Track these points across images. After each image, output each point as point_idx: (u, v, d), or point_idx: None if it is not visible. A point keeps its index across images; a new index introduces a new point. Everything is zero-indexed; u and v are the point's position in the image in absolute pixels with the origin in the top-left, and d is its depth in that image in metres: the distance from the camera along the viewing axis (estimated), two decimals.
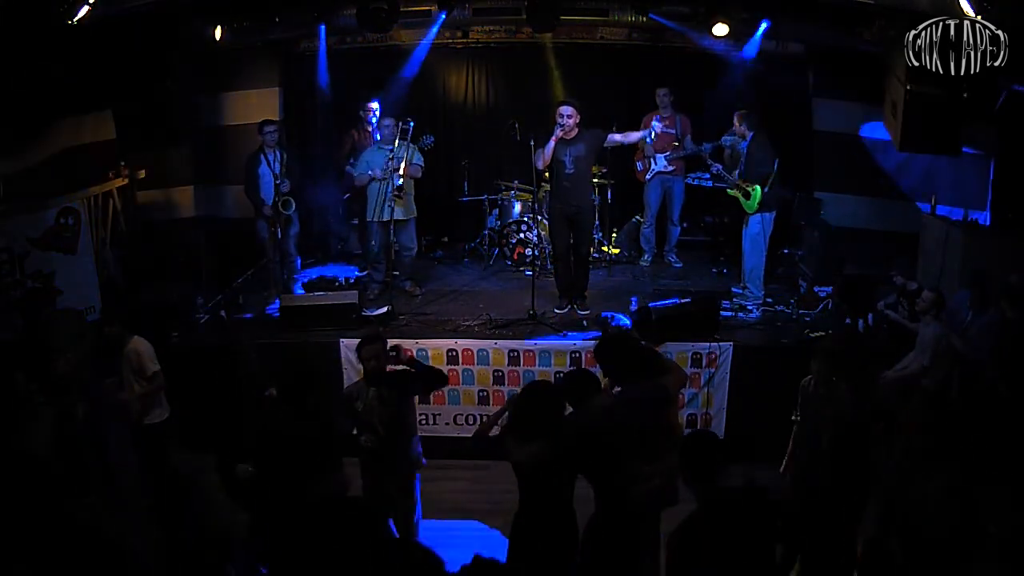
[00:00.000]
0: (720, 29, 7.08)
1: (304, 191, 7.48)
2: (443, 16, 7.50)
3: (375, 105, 7.99)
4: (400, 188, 6.90)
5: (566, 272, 7.01)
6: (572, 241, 6.87)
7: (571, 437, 3.80)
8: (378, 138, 7.26)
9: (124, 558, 3.57)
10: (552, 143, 6.50)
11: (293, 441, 4.10)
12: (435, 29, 7.83)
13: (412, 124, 7.04)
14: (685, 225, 8.57)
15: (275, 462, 4.11)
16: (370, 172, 7.01)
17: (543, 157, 6.56)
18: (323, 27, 7.56)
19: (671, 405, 4.30)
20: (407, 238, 7.31)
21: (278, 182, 7.02)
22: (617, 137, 6.79)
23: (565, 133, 6.47)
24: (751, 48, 7.54)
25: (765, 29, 7.20)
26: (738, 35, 7.43)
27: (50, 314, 6.11)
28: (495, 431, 4.24)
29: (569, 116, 6.45)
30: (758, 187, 6.82)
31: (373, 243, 7.21)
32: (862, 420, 4.41)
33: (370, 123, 7.98)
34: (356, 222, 8.42)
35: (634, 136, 6.96)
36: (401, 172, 6.93)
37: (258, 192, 7.11)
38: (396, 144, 6.99)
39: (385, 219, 6.95)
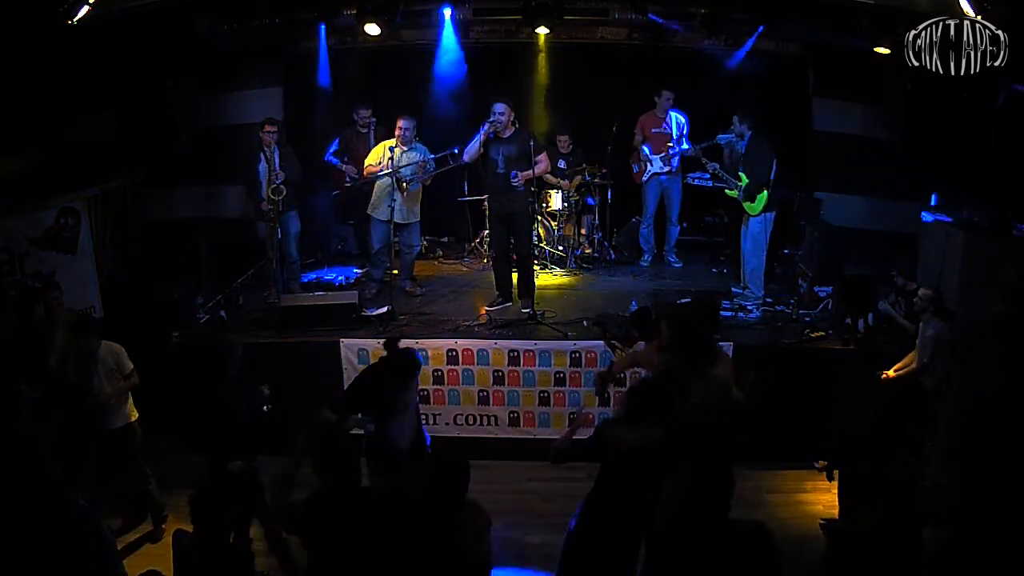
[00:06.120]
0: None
1: (305, 190, 7.47)
2: (451, 9, 7.53)
3: (367, 112, 7.96)
4: (402, 182, 6.87)
5: (504, 272, 6.94)
6: (511, 243, 6.77)
7: (682, 428, 3.73)
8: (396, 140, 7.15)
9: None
10: (479, 137, 6.40)
11: None
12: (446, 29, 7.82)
13: (456, 150, 6.82)
14: (684, 225, 8.57)
15: None
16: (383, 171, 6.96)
17: (469, 153, 6.50)
18: (323, 26, 7.53)
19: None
20: (411, 237, 7.33)
21: (274, 174, 6.95)
22: (538, 168, 6.64)
23: (496, 131, 6.40)
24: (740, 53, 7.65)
25: (759, 32, 7.27)
26: (737, 36, 7.42)
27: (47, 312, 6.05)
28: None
29: (501, 114, 6.36)
30: (765, 190, 6.80)
31: (374, 239, 7.21)
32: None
33: (363, 129, 7.97)
34: (353, 221, 8.42)
35: (540, 168, 6.71)
36: (416, 170, 6.95)
37: (258, 190, 7.10)
38: (409, 149, 6.95)
39: (387, 218, 6.95)
